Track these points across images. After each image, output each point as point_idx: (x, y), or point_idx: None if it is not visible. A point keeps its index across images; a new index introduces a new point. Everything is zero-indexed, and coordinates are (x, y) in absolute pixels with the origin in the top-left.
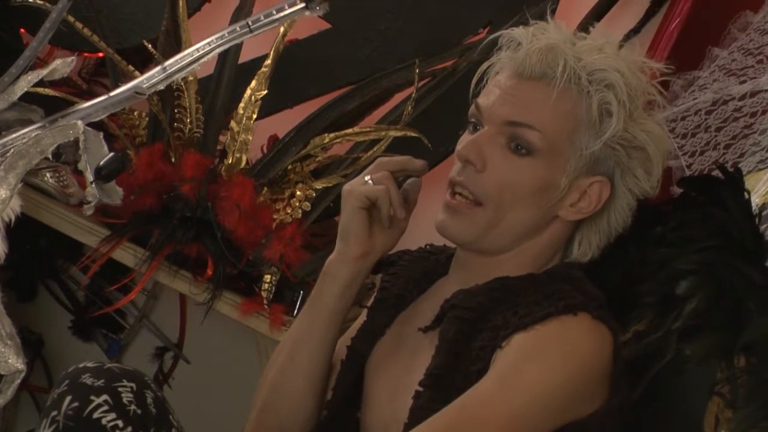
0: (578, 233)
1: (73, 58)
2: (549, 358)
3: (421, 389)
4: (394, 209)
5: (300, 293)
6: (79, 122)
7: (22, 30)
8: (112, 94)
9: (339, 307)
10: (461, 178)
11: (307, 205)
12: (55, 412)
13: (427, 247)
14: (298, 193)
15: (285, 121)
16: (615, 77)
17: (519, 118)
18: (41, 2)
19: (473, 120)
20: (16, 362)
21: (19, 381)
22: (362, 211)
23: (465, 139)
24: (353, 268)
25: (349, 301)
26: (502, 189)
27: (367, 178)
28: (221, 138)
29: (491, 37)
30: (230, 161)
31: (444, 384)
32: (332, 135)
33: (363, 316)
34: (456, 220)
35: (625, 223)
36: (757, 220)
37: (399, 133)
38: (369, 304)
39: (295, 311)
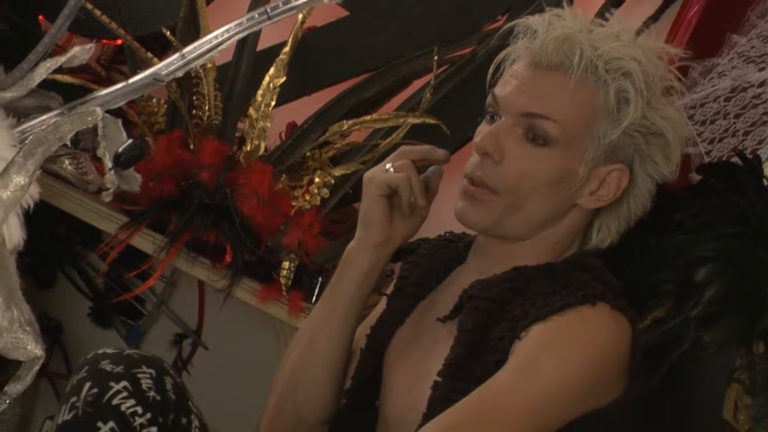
0: (597, 220)
1: (92, 45)
2: (567, 349)
3: (439, 379)
4: (415, 197)
5: (318, 280)
6: (98, 109)
7: (41, 17)
8: (130, 81)
9: (359, 294)
10: (480, 173)
11: (325, 192)
12: (74, 398)
13: (447, 235)
14: (317, 179)
15: (303, 108)
16: (632, 65)
17: (536, 109)
18: None
19: (490, 110)
20: (34, 349)
21: (37, 367)
22: (383, 198)
23: (482, 129)
24: (373, 255)
25: (369, 289)
26: (520, 180)
27: (388, 165)
28: (240, 125)
29: (508, 25)
30: (249, 148)
31: (462, 374)
32: (351, 122)
33: (382, 305)
34: (475, 207)
35: (644, 208)
36: None
37: (417, 120)
38: (388, 291)
39: (314, 298)
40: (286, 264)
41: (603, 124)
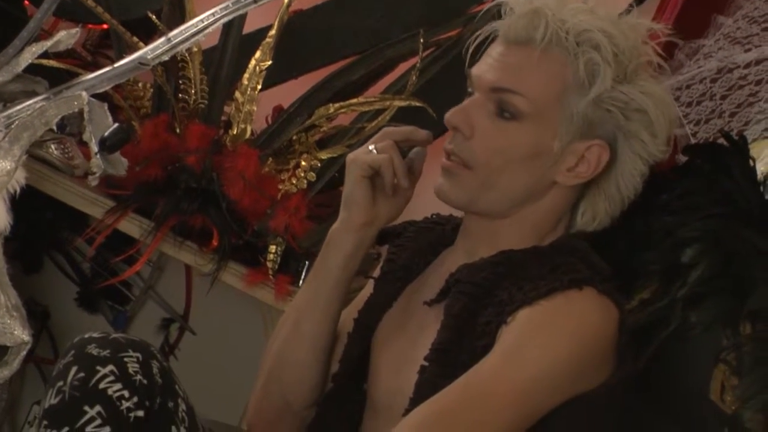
0: (583, 202)
1: (78, 29)
2: (554, 334)
3: (426, 364)
4: (398, 178)
5: (305, 263)
6: (84, 93)
7: (26, 2)
8: (116, 65)
9: (343, 276)
10: (451, 146)
11: (312, 176)
12: (60, 383)
13: (434, 217)
14: (303, 163)
15: (289, 92)
16: (599, 37)
17: (503, 84)
18: None
19: (469, 89)
20: (21, 334)
21: (24, 352)
22: (365, 179)
23: None
24: (357, 237)
25: (353, 271)
26: (492, 155)
27: (371, 147)
28: (226, 109)
29: (492, 4)
30: (235, 132)
31: (449, 359)
32: (337, 105)
33: (369, 288)
34: (451, 182)
35: (635, 189)
36: (762, 187)
37: (404, 103)
38: (375, 275)
39: (301, 281)
40: (272, 248)
41: (575, 98)
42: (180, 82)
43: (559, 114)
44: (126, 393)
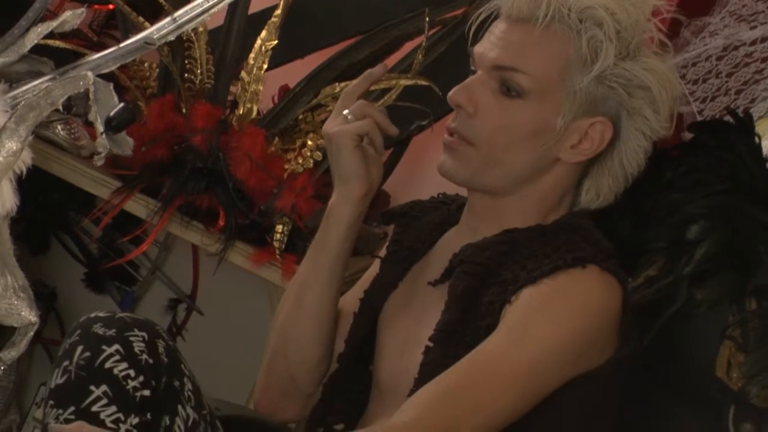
0: (587, 180)
1: (83, 9)
2: (558, 312)
3: (431, 344)
4: (387, 131)
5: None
6: (89, 73)
7: None
8: (122, 44)
9: (344, 248)
10: (454, 124)
11: (318, 155)
12: (66, 362)
13: (440, 196)
14: (309, 143)
15: (295, 72)
16: (601, 14)
17: (505, 62)
18: None
19: (473, 68)
20: (29, 315)
21: (32, 333)
22: (357, 149)
23: None
24: (357, 209)
25: (352, 242)
26: (495, 132)
27: (345, 112)
28: (232, 89)
29: None
30: (241, 112)
31: (454, 339)
32: (343, 84)
33: (375, 268)
34: (453, 158)
35: (639, 166)
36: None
37: (410, 82)
38: (381, 255)
39: None
40: (279, 227)
41: (578, 75)
42: (186, 62)
43: (561, 91)
44: (132, 372)
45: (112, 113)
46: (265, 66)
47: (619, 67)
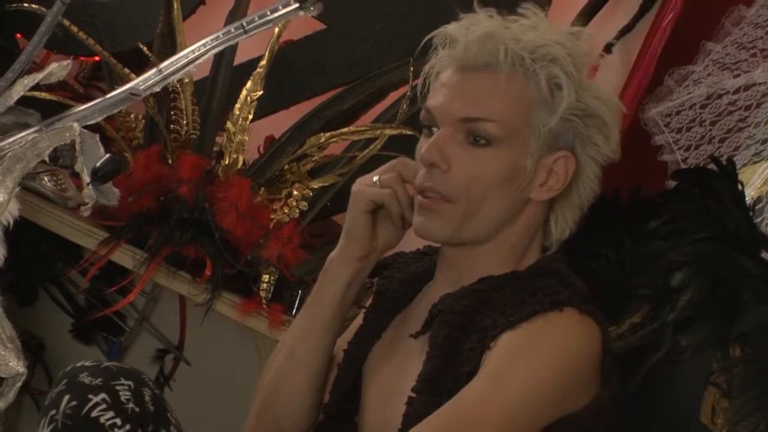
0: (552, 214)
1: (69, 61)
2: (537, 355)
3: (413, 395)
4: (404, 211)
5: (298, 292)
6: (75, 124)
7: (18, 35)
8: (108, 96)
9: (340, 304)
10: (429, 182)
11: (304, 205)
12: (53, 411)
13: (424, 248)
14: (295, 192)
15: (281, 122)
16: (557, 50)
17: (473, 114)
18: (36, 7)
19: (427, 123)
20: (16, 365)
21: (20, 384)
22: (367, 214)
23: (423, 144)
24: (354, 268)
25: (350, 299)
26: (471, 184)
27: (375, 178)
28: (218, 139)
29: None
30: (227, 162)
31: (436, 389)
32: (328, 134)
33: (360, 319)
34: (432, 218)
35: (594, 192)
36: (751, 212)
37: (395, 132)
38: (366, 306)
39: (294, 310)
40: (265, 277)
41: (540, 114)
42: (172, 112)
43: (527, 132)
44: (118, 421)
45: (98, 164)
46: (251, 116)
47: (575, 99)
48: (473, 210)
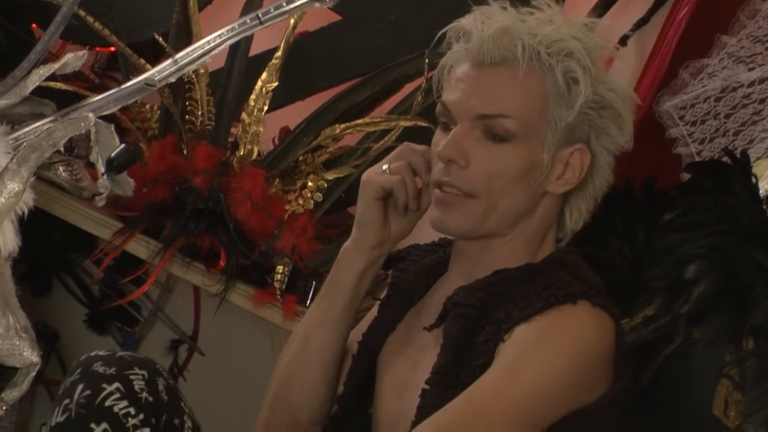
0: (567, 205)
1: (85, 52)
2: (551, 348)
3: (427, 387)
4: (409, 200)
5: (312, 284)
6: (90, 114)
7: (34, 25)
8: (123, 86)
9: (353, 295)
10: (447, 177)
11: (318, 196)
12: (67, 400)
13: (438, 240)
14: (310, 183)
15: (296, 113)
16: (573, 44)
17: (490, 110)
18: None
19: (443, 119)
20: (30, 355)
21: (33, 373)
22: (378, 201)
23: (439, 139)
24: (368, 257)
25: (363, 289)
26: (491, 180)
27: (384, 167)
28: (233, 130)
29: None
30: (242, 153)
31: (450, 382)
32: (343, 126)
33: (374, 311)
34: (451, 213)
35: (607, 182)
36: (764, 205)
37: (409, 123)
38: (381, 297)
39: (308, 301)
40: (280, 268)
41: (557, 108)
42: (187, 103)
43: (544, 127)
44: (132, 410)
45: (113, 154)
46: (266, 107)
47: (592, 93)
48: (493, 205)
